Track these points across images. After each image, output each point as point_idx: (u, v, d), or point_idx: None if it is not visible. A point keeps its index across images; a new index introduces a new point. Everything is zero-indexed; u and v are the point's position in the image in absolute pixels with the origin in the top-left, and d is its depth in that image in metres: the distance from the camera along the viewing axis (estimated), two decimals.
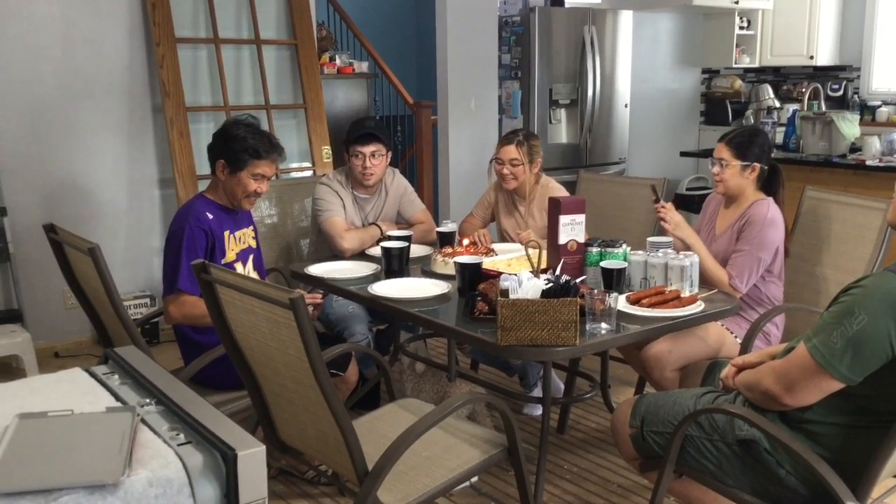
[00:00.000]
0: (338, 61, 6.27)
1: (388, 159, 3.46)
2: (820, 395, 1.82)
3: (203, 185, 4.28)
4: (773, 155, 3.05)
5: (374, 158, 3.35)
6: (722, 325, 2.86)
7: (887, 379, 1.75)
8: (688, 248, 2.87)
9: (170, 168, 4.45)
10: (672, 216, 2.91)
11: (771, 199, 2.91)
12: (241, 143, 2.73)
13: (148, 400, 1.39)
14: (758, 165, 2.89)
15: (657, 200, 3.00)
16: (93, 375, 1.52)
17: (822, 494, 1.84)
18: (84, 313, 2.66)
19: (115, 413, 1.31)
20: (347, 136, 3.41)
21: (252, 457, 1.18)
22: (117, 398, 1.41)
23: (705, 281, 2.80)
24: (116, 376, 1.51)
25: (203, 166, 4.26)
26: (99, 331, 2.71)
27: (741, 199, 2.95)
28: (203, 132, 4.48)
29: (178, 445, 1.22)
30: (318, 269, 3.04)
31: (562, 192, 3.54)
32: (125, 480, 1.12)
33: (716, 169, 2.94)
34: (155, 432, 1.27)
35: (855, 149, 4.69)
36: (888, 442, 1.77)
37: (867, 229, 2.95)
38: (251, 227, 2.96)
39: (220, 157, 2.77)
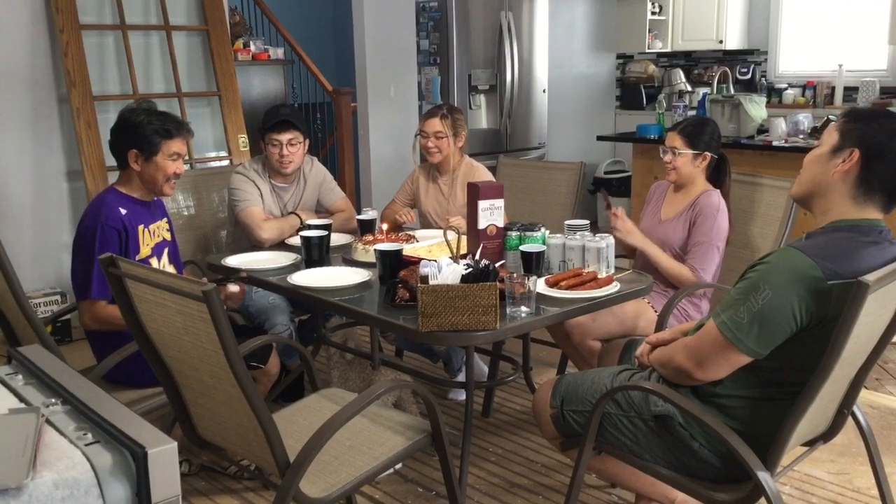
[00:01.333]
0: (252, 47, 6.14)
1: (306, 147, 3.41)
2: (729, 369, 1.88)
3: (113, 177, 4.14)
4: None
5: (292, 146, 3.31)
6: (646, 302, 2.93)
7: (792, 351, 1.82)
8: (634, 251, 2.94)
9: (78, 160, 4.28)
10: (623, 224, 2.96)
11: (717, 191, 3.00)
12: (148, 128, 2.65)
13: (53, 400, 1.34)
14: (708, 154, 2.98)
15: (608, 207, 3.04)
16: None
17: (734, 465, 1.91)
18: None
19: (17, 415, 1.26)
20: (263, 124, 3.35)
21: (163, 454, 1.15)
22: (21, 399, 1.36)
23: (663, 277, 2.88)
24: (20, 376, 1.45)
25: (112, 157, 4.11)
26: (5, 330, 2.59)
27: (690, 186, 3.03)
28: (112, 122, 4.26)
29: (86, 445, 1.18)
30: (235, 261, 2.99)
31: (485, 172, 3.58)
32: (29, 483, 1.08)
33: (668, 157, 3.00)
34: (61, 433, 1.22)
35: (762, 130, 4.85)
36: (794, 412, 1.84)
37: (774, 208, 3.06)
38: (165, 220, 2.88)
39: (130, 148, 2.68)
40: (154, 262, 2.74)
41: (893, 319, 1.96)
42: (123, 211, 2.65)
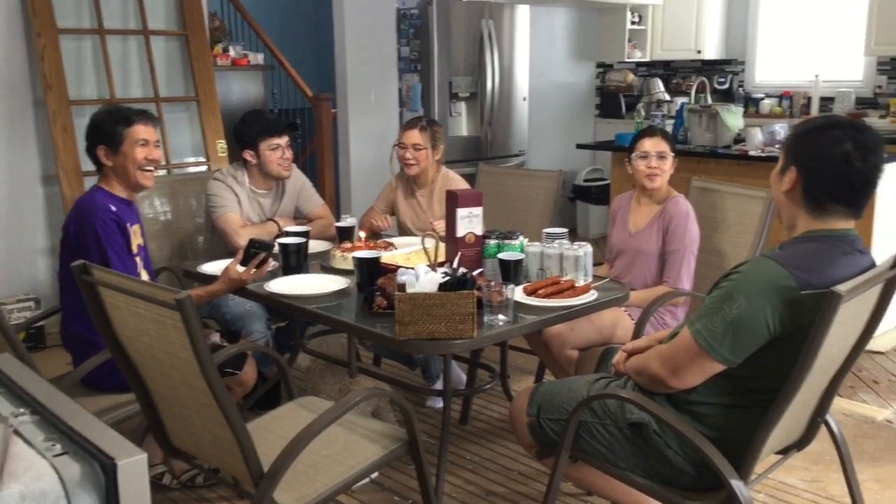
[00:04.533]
0: (232, 52, 6.11)
1: None
2: (703, 377, 1.89)
3: (89, 183, 4.10)
4: None
5: (288, 150, 3.33)
6: (624, 311, 2.94)
7: (766, 360, 1.84)
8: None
9: (53, 164, 4.24)
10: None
11: (682, 196, 3.02)
12: (109, 120, 2.69)
13: (22, 410, 1.32)
14: (675, 158, 3.05)
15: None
16: None
17: (708, 473, 1.92)
18: None
19: None
20: (251, 130, 3.33)
21: (133, 465, 1.13)
22: None
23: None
24: None
25: (88, 162, 4.07)
26: None
27: (657, 195, 3.05)
28: None
29: (54, 456, 1.16)
30: (212, 268, 2.96)
31: (462, 183, 3.57)
32: None
33: (654, 162, 3.00)
34: (29, 443, 1.21)
35: (739, 140, 4.89)
36: (768, 420, 1.85)
37: (749, 217, 3.08)
38: (138, 225, 2.86)
39: (98, 146, 2.70)
40: (138, 262, 2.73)
41: (866, 328, 1.99)
42: (113, 208, 2.66)
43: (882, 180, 1.88)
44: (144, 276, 2.75)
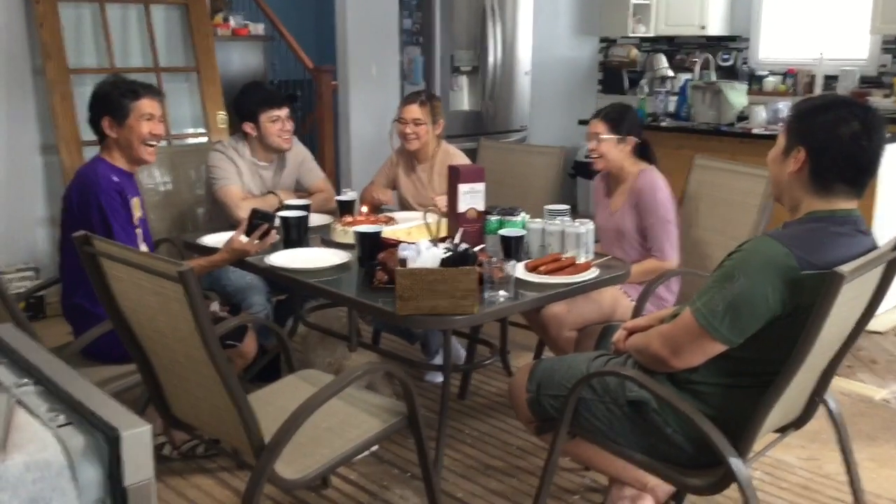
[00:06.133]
0: (232, 22, 6.06)
1: None
2: (704, 357, 1.90)
3: (88, 152, 4.08)
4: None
5: (288, 121, 3.31)
6: (620, 289, 2.94)
7: (766, 340, 1.84)
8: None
9: (52, 134, 4.22)
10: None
11: (652, 166, 3.01)
12: (115, 92, 2.69)
13: (25, 380, 1.32)
14: (632, 138, 2.98)
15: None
16: None
17: (706, 451, 1.93)
18: None
19: None
20: (251, 102, 3.31)
21: (136, 437, 1.14)
22: None
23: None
24: None
25: (87, 132, 4.04)
26: None
27: (624, 174, 3.04)
28: (87, 96, 4.22)
29: (58, 427, 1.16)
30: (212, 240, 2.96)
31: (462, 158, 3.55)
32: None
33: (592, 144, 3.02)
34: (33, 414, 1.21)
35: (742, 117, 4.87)
36: (767, 399, 1.86)
37: (752, 195, 3.07)
38: (138, 197, 2.85)
39: (103, 116, 2.69)
40: (139, 234, 2.73)
41: (867, 309, 1.99)
42: (116, 179, 2.65)
43: (884, 161, 1.88)
44: (144, 248, 2.74)
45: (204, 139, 4.64)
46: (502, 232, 2.72)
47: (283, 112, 3.31)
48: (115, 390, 2.40)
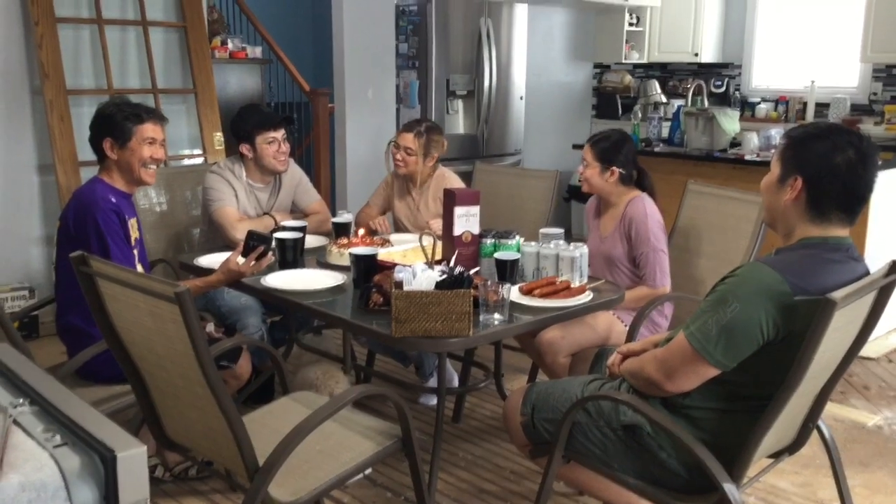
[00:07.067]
0: (230, 45, 6.10)
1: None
2: (698, 381, 1.91)
3: (84, 173, 4.09)
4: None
5: (284, 143, 3.33)
6: (613, 314, 2.95)
7: (759, 365, 1.85)
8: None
9: (49, 153, 4.23)
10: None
11: (644, 194, 3.02)
12: (119, 115, 2.70)
13: (21, 400, 1.32)
14: (616, 169, 2.99)
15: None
16: None
17: (700, 476, 1.93)
18: None
19: None
20: (247, 124, 3.32)
21: (133, 458, 1.14)
22: None
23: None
24: None
25: (84, 152, 4.07)
26: None
27: (613, 199, 3.06)
28: (85, 116, 4.25)
29: (54, 447, 1.16)
30: (208, 260, 2.96)
31: (458, 182, 3.58)
32: None
33: (580, 168, 3.08)
34: (29, 434, 1.21)
35: (735, 144, 4.91)
36: (761, 424, 1.87)
37: (744, 221, 3.10)
38: (135, 218, 2.86)
39: (105, 138, 2.70)
40: (136, 255, 2.73)
41: (859, 335, 2.00)
42: (114, 199, 2.66)
43: (876, 188, 1.90)
44: (140, 269, 2.75)
45: (200, 160, 4.66)
46: (497, 255, 2.73)
47: (280, 134, 3.33)
48: (108, 411, 2.39)
